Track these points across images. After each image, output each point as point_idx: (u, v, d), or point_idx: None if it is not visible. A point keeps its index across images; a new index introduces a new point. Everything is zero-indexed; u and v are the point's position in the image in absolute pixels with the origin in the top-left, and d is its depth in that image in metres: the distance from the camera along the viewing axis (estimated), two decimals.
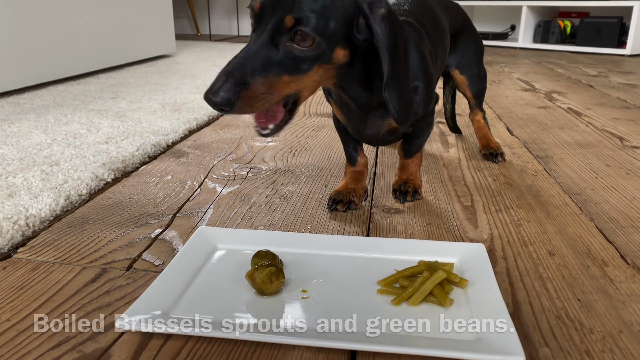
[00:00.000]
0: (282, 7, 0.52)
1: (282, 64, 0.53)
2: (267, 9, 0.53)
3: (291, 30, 0.52)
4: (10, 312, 0.53)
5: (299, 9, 0.52)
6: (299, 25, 0.52)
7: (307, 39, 0.53)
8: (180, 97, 1.61)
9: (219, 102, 0.51)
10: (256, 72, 0.52)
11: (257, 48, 0.53)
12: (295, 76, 0.55)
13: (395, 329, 0.49)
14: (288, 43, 0.53)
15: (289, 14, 0.52)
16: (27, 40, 1.70)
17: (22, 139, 1.11)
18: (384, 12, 0.55)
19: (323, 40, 0.54)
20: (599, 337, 0.50)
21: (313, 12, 0.52)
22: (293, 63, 0.54)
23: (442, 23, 0.86)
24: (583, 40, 3.16)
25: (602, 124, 1.35)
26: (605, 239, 0.70)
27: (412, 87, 0.70)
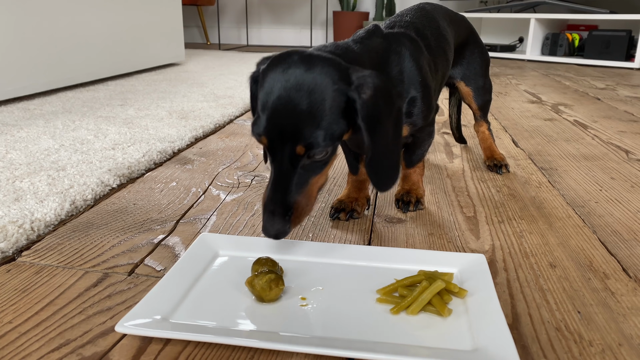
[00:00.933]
0: (288, 138, 0.54)
1: (307, 175, 0.58)
2: (276, 141, 0.55)
3: (305, 154, 0.55)
4: (12, 314, 0.54)
5: (305, 137, 0.54)
6: (310, 149, 0.55)
7: (321, 153, 0.56)
8: (188, 105, 1.62)
9: (279, 237, 0.57)
10: (292, 197, 0.57)
11: (283, 177, 0.56)
12: (320, 174, 0.59)
13: (393, 337, 0.49)
14: (307, 161, 0.57)
15: (298, 143, 0.54)
16: (38, 47, 1.73)
17: (31, 144, 1.13)
18: (368, 95, 0.56)
19: (334, 144, 0.57)
20: (598, 350, 0.49)
21: (318, 131, 0.54)
22: (315, 168, 0.58)
23: (445, 35, 0.87)
24: (591, 53, 3.15)
25: (608, 136, 1.35)
26: (608, 252, 0.70)
27: (409, 98, 0.71)
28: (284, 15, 4.57)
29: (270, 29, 4.62)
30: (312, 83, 0.54)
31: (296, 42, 4.59)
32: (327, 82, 0.55)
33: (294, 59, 0.56)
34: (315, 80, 0.54)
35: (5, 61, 1.59)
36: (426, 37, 0.80)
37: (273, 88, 0.55)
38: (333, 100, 0.55)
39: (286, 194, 0.56)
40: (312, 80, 0.54)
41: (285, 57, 0.57)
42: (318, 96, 0.54)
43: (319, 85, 0.54)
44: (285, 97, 0.54)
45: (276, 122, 0.54)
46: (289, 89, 0.54)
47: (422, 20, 0.83)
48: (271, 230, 0.56)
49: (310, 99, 0.54)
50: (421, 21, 0.82)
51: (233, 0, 4.60)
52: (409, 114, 0.72)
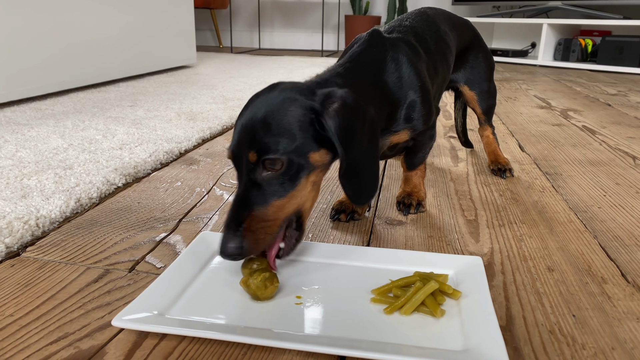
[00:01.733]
0: (244, 146, 0.55)
1: (266, 192, 0.55)
2: (236, 154, 0.56)
3: (258, 163, 0.55)
4: (14, 307, 0.55)
5: (256, 142, 0.54)
6: (262, 156, 0.54)
7: (275, 163, 0.54)
8: (197, 107, 1.64)
9: (231, 254, 0.53)
10: (246, 212, 0.54)
11: (242, 192, 0.55)
12: (285, 196, 0.56)
13: (385, 337, 0.49)
14: (264, 173, 0.55)
15: (250, 150, 0.54)
16: (50, 49, 1.75)
17: (40, 143, 1.15)
18: (336, 106, 0.56)
19: (292, 156, 0.55)
20: (590, 353, 0.49)
21: (269, 137, 0.54)
22: (277, 187, 0.55)
23: (446, 39, 0.87)
24: (604, 59, 3.13)
25: (616, 142, 1.34)
26: (608, 257, 0.69)
27: (408, 103, 0.71)
28: (296, 19, 4.59)
29: (282, 32, 4.65)
30: (272, 98, 0.57)
31: (308, 45, 4.61)
32: (286, 95, 0.57)
33: (268, 87, 0.59)
34: (275, 96, 0.57)
35: (18, 62, 1.62)
36: (425, 41, 0.80)
37: (243, 111, 0.58)
38: (292, 112, 0.55)
39: (240, 211, 0.54)
40: (272, 96, 0.57)
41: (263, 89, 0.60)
42: (276, 109, 0.55)
43: (278, 101, 0.56)
44: (248, 115, 0.56)
45: (238, 136, 0.56)
46: (253, 108, 0.57)
47: (422, 24, 0.83)
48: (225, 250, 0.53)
49: (267, 111, 0.55)
50: (421, 25, 0.82)
51: (246, 4, 4.63)
52: (409, 118, 0.72)
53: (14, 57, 1.60)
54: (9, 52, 1.58)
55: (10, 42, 1.58)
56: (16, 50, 1.61)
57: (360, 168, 0.58)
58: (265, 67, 2.83)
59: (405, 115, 0.72)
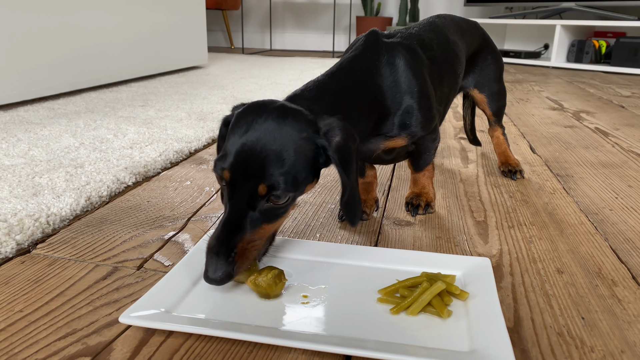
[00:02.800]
0: (252, 175, 0.53)
1: (260, 219, 0.55)
2: (237, 177, 0.54)
3: (266, 196, 0.54)
4: (23, 303, 0.56)
5: (269, 176, 0.53)
6: (272, 191, 0.54)
7: (282, 197, 0.55)
8: (207, 107, 1.65)
9: (221, 281, 0.53)
10: (239, 238, 0.54)
11: (234, 217, 0.54)
12: (274, 222, 0.57)
13: (391, 337, 0.49)
14: (266, 204, 0.55)
15: (261, 182, 0.53)
16: (63, 49, 1.77)
17: (52, 142, 1.16)
18: (338, 140, 0.56)
19: (297, 191, 0.56)
20: (599, 356, 0.49)
21: (282, 175, 0.53)
22: (270, 215, 0.56)
23: (455, 49, 0.86)
24: (618, 61, 3.10)
25: (629, 144, 1.33)
26: (618, 259, 0.69)
27: (404, 108, 0.70)
28: (308, 20, 4.60)
29: (293, 33, 4.65)
30: (282, 129, 0.54)
31: (319, 46, 4.61)
32: (297, 129, 0.55)
33: (268, 107, 0.56)
34: (287, 128, 0.55)
35: (32, 63, 1.64)
36: (431, 48, 0.79)
37: (245, 130, 0.55)
38: (301, 148, 0.55)
39: (235, 234, 0.54)
40: (283, 126, 0.55)
41: (260, 105, 0.57)
42: (288, 142, 0.54)
43: (288, 132, 0.55)
44: (255, 138, 0.54)
45: (242, 159, 0.53)
46: (260, 132, 0.54)
47: (430, 34, 0.82)
48: (213, 274, 0.53)
49: (279, 144, 0.54)
50: (428, 35, 0.82)
51: (257, 5, 4.64)
52: (405, 124, 0.71)
53: (28, 57, 1.62)
54: (23, 53, 1.60)
55: (23, 42, 1.60)
56: (29, 50, 1.62)
57: (354, 193, 0.59)
58: (276, 68, 2.84)
59: (400, 121, 0.71)
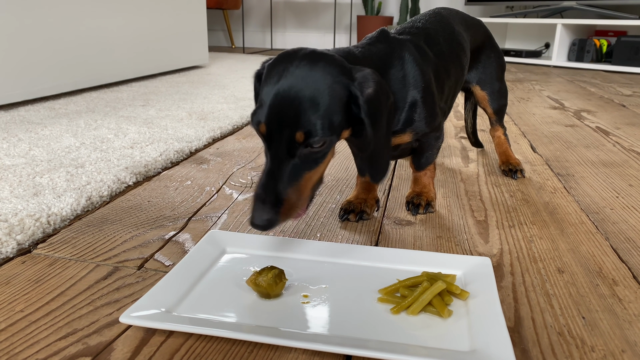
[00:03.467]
0: (288, 124, 0.54)
1: (302, 167, 0.57)
2: (274, 128, 0.54)
3: (304, 142, 0.55)
4: (24, 303, 0.56)
5: (305, 123, 0.54)
6: (310, 137, 0.54)
7: (319, 142, 0.55)
8: (208, 107, 1.65)
9: (266, 227, 0.54)
10: (284, 187, 0.55)
11: (278, 166, 0.56)
12: (315, 169, 0.58)
13: (391, 336, 0.49)
14: (304, 151, 0.56)
15: (298, 130, 0.54)
16: (64, 49, 1.77)
17: (53, 142, 1.16)
18: (370, 92, 0.57)
19: (333, 136, 0.56)
20: (599, 356, 0.49)
21: (318, 120, 0.54)
22: (311, 161, 0.57)
23: (460, 40, 0.87)
24: (619, 60, 3.09)
25: (630, 143, 1.32)
26: (619, 259, 0.69)
27: (410, 103, 0.71)
28: (309, 20, 4.59)
29: (294, 33, 4.65)
30: (315, 75, 0.55)
31: (320, 45, 4.61)
32: (330, 75, 0.56)
33: (299, 54, 0.57)
34: (319, 73, 0.55)
35: (32, 62, 1.64)
36: (438, 43, 0.80)
37: (277, 79, 0.55)
38: (335, 92, 0.55)
39: (279, 184, 0.55)
40: (316, 72, 0.55)
41: (291, 53, 0.58)
42: (321, 86, 0.55)
43: (322, 77, 0.55)
44: (288, 86, 0.54)
45: (277, 110, 0.54)
46: (292, 80, 0.54)
47: (436, 25, 0.83)
48: (259, 220, 0.54)
49: (312, 89, 0.54)
50: (434, 27, 0.82)
51: (258, 4, 4.64)
52: (410, 120, 0.72)
53: (28, 57, 1.62)
54: (23, 52, 1.60)
55: (24, 42, 1.60)
56: (30, 50, 1.63)
57: (380, 150, 0.61)
58: None
59: (406, 117, 0.72)
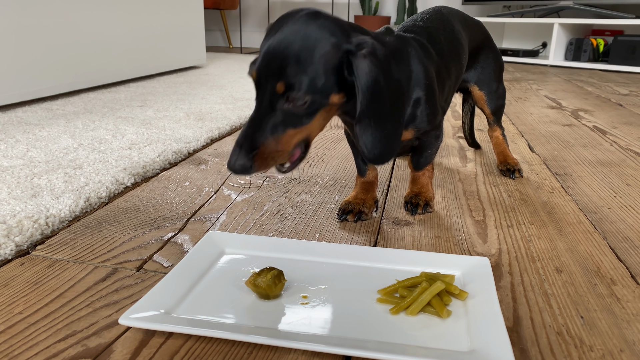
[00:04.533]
0: (273, 73, 0.56)
1: (284, 122, 0.57)
2: (262, 76, 0.57)
3: (284, 95, 0.56)
4: (23, 305, 0.56)
5: (287, 75, 0.55)
6: (289, 90, 0.56)
7: (300, 99, 0.56)
8: (206, 107, 1.64)
9: (238, 170, 0.56)
10: (262, 136, 0.57)
11: (260, 114, 0.57)
12: (299, 127, 0.58)
13: (390, 337, 0.49)
14: (285, 105, 0.57)
15: (279, 80, 0.56)
16: (61, 49, 1.77)
17: (51, 143, 1.16)
18: (365, 51, 0.57)
19: (315, 96, 0.57)
20: (598, 355, 0.49)
21: (300, 74, 0.55)
22: (295, 118, 0.58)
23: (460, 39, 0.87)
24: (616, 59, 3.10)
25: (628, 143, 1.33)
26: (617, 258, 0.69)
27: (413, 100, 0.71)
28: None
29: None
30: (310, 31, 0.56)
31: None
32: (325, 34, 0.57)
33: (301, 12, 0.58)
34: (314, 30, 0.56)
35: (30, 63, 1.63)
36: (439, 41, 0.80)
37: (274, 32, 0.57)
38: (326, 52, 0.56)
39: (258, 132, 0.56)
40: (309, 30, 0.56)
41: (294, 11, 0.59)
42: (311, 43, 0.56)
43: (315, 35, 0.56)
44: (280, 39, 0.56)
45: (267, 60, 0.56)
46: (286, 34, 0.56)
47: (437, 24, 0.83)
48: (233, 163, 0.56)
49: (303, 44, 0.55)
50: (435, 25, 0.82)
51: (255, 4, 4.64)
52: (413, 116, 0.72)
53: (26, 57, 1.62)
54: (21, 53, 1.60)
55: (21, 42, 1.60)
56: (27, 51, 1.62)
57: (378, 122, 0.59)
58: None
59: (409, 114, 0.72)
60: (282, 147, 0.58)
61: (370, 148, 0.60)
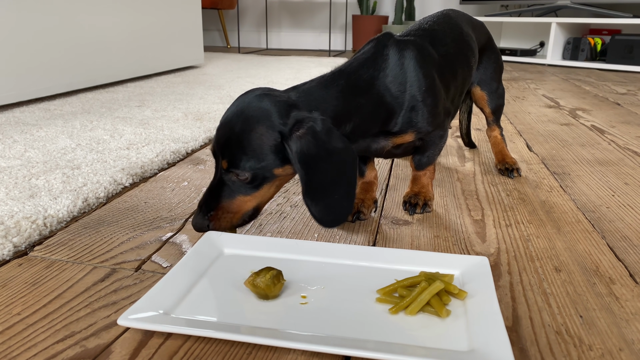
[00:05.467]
0: (220, 151, 0.64)
1: (235, 190, 0.65)
2: (216, 152, 0.65)
3: (228, 170, 0.64)
4: (21, 306, 0.56)
5: (228, 154, 0.63)
6: (231, 168, 0.63)
7: (242, 175, 0.63)
8: (204, 107, 1.64)
9: (197, 229, 0.66)
10: (216, 201, 0.65)
11: (215, 184, 0.66)
12: (249, 195, 0.65)
13: (390, 337, 0.49)
14: (232, 178, 0.64)
15: (223, 158, 0.64)
16: (59, 49, 1.77)
17: (49, 143, 1.16)
18: (300, 132, 0.61)
19: (257, 172, 0.63)
20: (597, 354, 0.49)
21: (239, 154, 0.62)
22: (243, 188, 0.65)
23: (469, 41, 0.89)
24: (613, 58, 3.11)
25: (625, 142, 1.33)
26: (616, 257, 0.69)
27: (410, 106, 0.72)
28: (304, 19, 4.59)
29: (289, 32, 4.65)
30: (250, 113, 0.62)
31: (315, 45, 4.61)
32: (263, 116, 0.62)
33: (254, 92, 0.65)
34: (254, 112, 0.62)
35: (27, 63, 1.63)
36: (445, 44, 0.81)
37: (229, 110, 0.65)
38: (261, 134, 0.62)
39: (212, 198, 0.65)
40: (252, 111, 0.63)
41: (251, 90, 0.66)
42: (249, 126, 0.62)
43: (255, 117, 0.62)
44: (228, 119, 0.64)
45: (217, 137, 0.65)
46: (232, 114, 0.64)
47: (444, 26, 0.85)
48: (195, 223, 0.66)
49: (242, 127, 0.62)
50: (442, 28, 0.84)
51: (253, 4, 4.64)
52: (411, 122, 0.73)
53: (23, 58, 1.61)
54: (18, 53, 1.59)
55: (19, 43, 1.59)
56: (25, 51, 1.62)
57: (325, 192, 0.63)
58: (273, 67, 2.83)
59: (407, 119, 0.73)
60: (234, 211, 0.66)
61: (321, 217, 0.64)
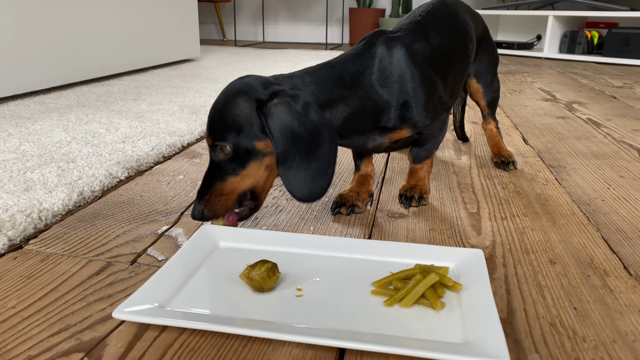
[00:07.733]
0: (208, 132, 0.67)
1: (223, 171, 0.66)
2: (207, 136, 0.67)
3: (215, 147, 0.65)
4: (16, 299, 0.56)
5: (211, 130, 0.66)
6: (215, 141, 0.65)
7: (224, 149, 0.65)
8: (200, 100, 1.64)
9: (195, 217, 0.67)
10: (209, 184, 0.66)
11: (209, 169, 0.67)
12: (237, 175, 0.66)
13: (385, 329, 0.49)
14: (219, 156, 0.66)
15: (208, 136, 0.66)
16: (54, 42, 1.76)
17: (44, 137, 1.15)
18: (276, 101, 0.63)
19: (237, 146, 0.64)
20: (591, 346, 0.49)
21: (220, 127, 0.65)
22: (230, 167, 0.66)
23: (467, 28, 0.87)
24: (610, 51, 3.11)
25: (621, 135, 1.33)
26: (610, 250, 0.69)
27: (402, 102, 0.72)
28: (300, 12, 4.57)
29: (286, 25, 4.63)
30: (231, 89, 0.65)
31: (312, 38, 4.60)
32: (243, 89, 0.65)
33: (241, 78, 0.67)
34: (235, 87, 0.65)
35: (22, 56, 1.62)
36: (440, 34, 0.80)
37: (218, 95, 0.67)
38: (241, 103, 0.64)
39: (206, 183, 0.67)
40: (231, 90, 0.65)
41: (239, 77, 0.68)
42: (229, 102, 0.65)
43: (235, 90, 0.65)
44: (215, 102, 0.67)
45: (207, 122, 0.67)
46: (218, 97, 0.66)
47: (439, 15, 0.83)
48: (192, 212, 0.67)
49: (223, 102, 0.65)
50: (436, 17, 0.83)
51: None
52: (404, 118, 0.73)
53: (18, 51, 1.60)
54: (14, 47, 1.58)
55: (14, 36, 1.58)
56: (20, 44, 1.61)
57: (300, 164, 0.63)
58: (269, 61, 2.83)
59: (400, 115, 0.73)
60: (227, 192, 0.66)
61: (296, 190, 0.64)
